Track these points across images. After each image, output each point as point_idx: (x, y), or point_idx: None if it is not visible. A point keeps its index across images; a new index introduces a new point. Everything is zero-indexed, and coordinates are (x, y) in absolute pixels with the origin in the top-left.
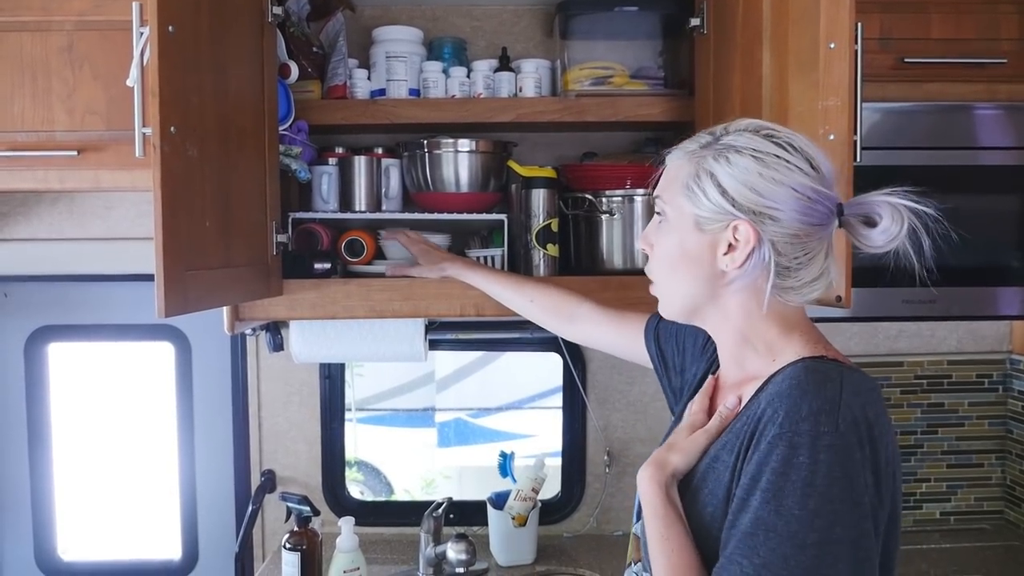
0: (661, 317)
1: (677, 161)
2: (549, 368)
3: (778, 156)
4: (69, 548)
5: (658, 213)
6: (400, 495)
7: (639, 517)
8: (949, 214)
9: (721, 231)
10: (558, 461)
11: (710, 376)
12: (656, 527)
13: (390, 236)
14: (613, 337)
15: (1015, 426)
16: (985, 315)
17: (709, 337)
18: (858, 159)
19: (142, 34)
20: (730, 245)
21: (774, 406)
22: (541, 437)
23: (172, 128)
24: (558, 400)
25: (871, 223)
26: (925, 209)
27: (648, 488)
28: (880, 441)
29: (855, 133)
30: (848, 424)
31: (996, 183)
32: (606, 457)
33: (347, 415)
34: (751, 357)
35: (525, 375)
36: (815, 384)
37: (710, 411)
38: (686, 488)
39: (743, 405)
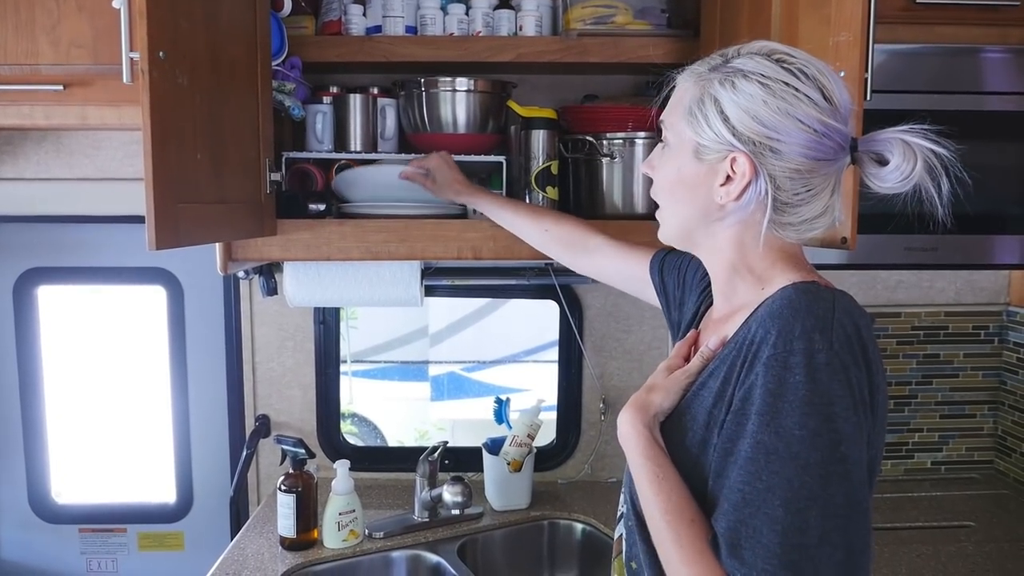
0: (669, 251)
1: (684, 83)
2: (544, 321)
3: (787, 84)
4: (63, 491)
5: (663, 139)
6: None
7: None
8: (955, 159)
9: (719, 162)
10: (553, 415)
11: (694, 329)
12: (648, 469)
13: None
14: (622, 270)
15: (1009, 377)
16: (986, 263)
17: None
18: (868, 96)
19: None
20: (728, 177)
21: (766, 327)
22: (535, 391)
23: (161, 53)
24: (552, 354)
25: (882, 161)
26: (939, 150)
27: (632, 431)
28: (875, 363)
29: (866, 70)
30: (842, 342)
31: (1003, 129)
32: (602, 405)
33: (342, 367)
34: (740, 287)
35: (519, 329)
36: (807, 303)
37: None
38: (667, 419)
39: (732, 335)
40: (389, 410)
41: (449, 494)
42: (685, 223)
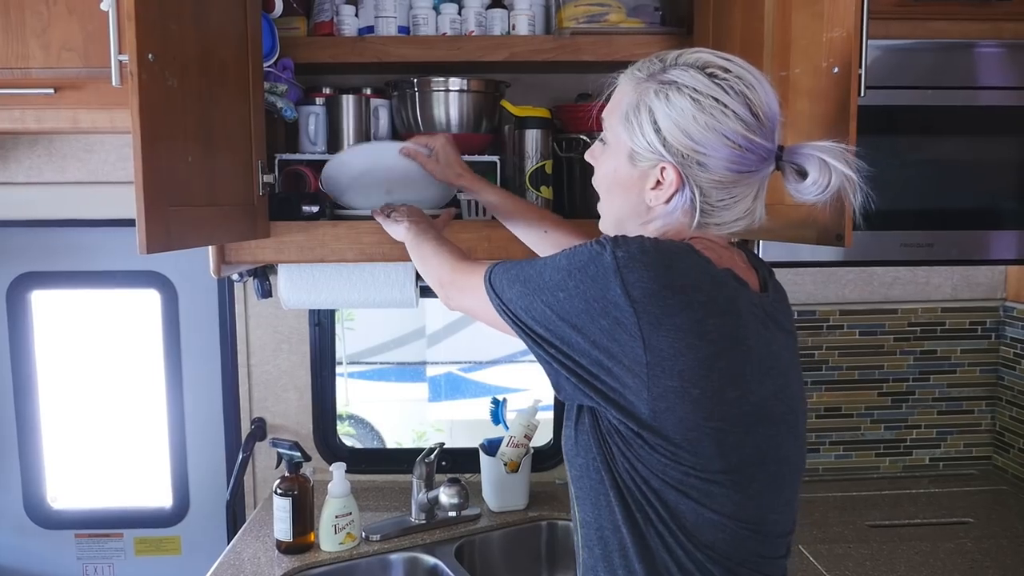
0: None
1: (624, 87)
2: None
3: (716, 99)
4: (59, 496)
5: (601, 138)
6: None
7: None
8: (948, 155)
9: (650, 168)
10: (549, 415)
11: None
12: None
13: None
14: None
15: (1006, 373)
16: (982, 259)
17: None
18: (863, 93)
19: None
20: (657, 182)
21: None
22: (532, 391)
23: (150, 55)
24: None
25: (803, 173)
26: (850, 174)
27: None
28: (679, 301)
29: (860, 66)
30: (631, 255)
31: (997, 124)
32: None
33: (338, 369)
34: None
35: None
36: (654, 239)
37: None
38: None
39: None
40: (387, 411)
41: (446, 496)
42: (619, 217)
